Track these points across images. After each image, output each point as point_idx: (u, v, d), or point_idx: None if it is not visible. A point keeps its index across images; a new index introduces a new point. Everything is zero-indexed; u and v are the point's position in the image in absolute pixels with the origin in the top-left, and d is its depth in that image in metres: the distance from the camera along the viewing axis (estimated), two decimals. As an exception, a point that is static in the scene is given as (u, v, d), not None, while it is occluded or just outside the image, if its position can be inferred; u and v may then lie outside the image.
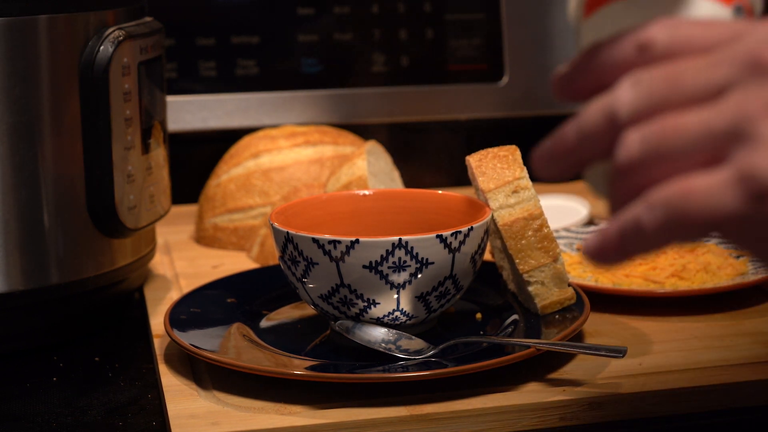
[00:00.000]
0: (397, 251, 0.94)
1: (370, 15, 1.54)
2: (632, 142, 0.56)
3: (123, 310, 1.18)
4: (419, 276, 0.95)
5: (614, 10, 0.63)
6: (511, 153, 1.04)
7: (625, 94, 0.57)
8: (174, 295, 1.17)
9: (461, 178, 1.32)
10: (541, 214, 1.00)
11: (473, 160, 1.04)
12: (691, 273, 1.11)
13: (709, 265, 1.13)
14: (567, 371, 0.95)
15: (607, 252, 0.58)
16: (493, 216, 1.00)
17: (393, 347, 0.96)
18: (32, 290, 1.04)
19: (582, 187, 1.57)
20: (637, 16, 0.61)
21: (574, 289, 1.03)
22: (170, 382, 0.96)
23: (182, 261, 1.29)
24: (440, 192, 1.09)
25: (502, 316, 1.04)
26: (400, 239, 0.94)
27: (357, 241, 0.94)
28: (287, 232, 0.97)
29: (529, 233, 1.00)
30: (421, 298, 0.97)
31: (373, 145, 1.31)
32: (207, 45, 1.50)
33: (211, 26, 1.50)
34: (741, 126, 0.53)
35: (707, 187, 0.54)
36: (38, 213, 1.03)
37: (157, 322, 1.08)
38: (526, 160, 1.05)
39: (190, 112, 1.50)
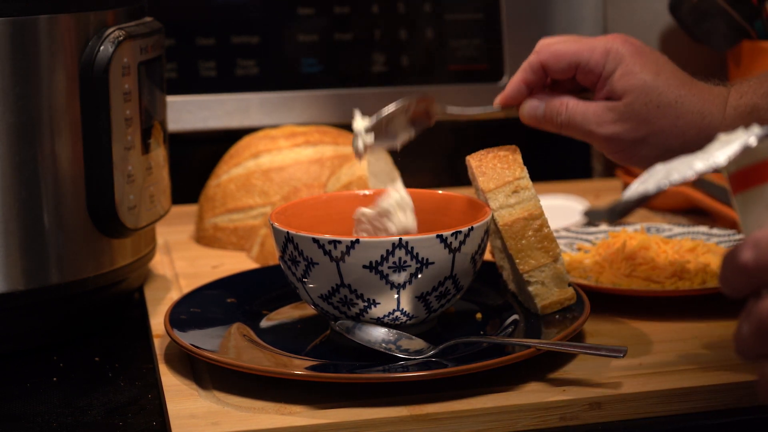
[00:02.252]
0: (397, 251, 0.94)
1: (370, 15, 1.54)
2: None
3: (123, 310, 1.17)
4: (419, 276, 0.95)
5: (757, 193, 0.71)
6: (511, 153, 1.04)
7: None
8: (174, 295, 1.17)
9: (461, 178, 1.32)
10: (542, 214, 1.00)
11: (473, 160, 1.04)
12: (691, 273, 1.11)
13: (709, 265, 1.13)
14: (567, 371, 0.95)
15: None
16: (493, 216, 1.00)
17: (393, 347, 0.96)
18: (32, 290, 1.04)
19: (582, 187, 1.57)
20: None
21: (575, 289, 1.03)
22: (170, 382, 0.96)
23: (182, 261, 1.29)
24: (440, 192, 1.09)
25: (502, 316, 1.04)
26: (400, 239, 0.94)
27: (357, 241, 0.94)
28: (287, 232, 0.97)
29: (530, 233, 1.00)
30: (421, 298, 0.97)
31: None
32: (207, 45, 1.50)
33: (211, 26, 1.50)
34: None
35: None
36: (38, 213, 1.03)
37: (157, 322, 1.08)
38: (526, 160, 1.05)
39: (190, 112, 1.50)
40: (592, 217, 0.75)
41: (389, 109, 1.03)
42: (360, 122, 1.04)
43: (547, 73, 1.04)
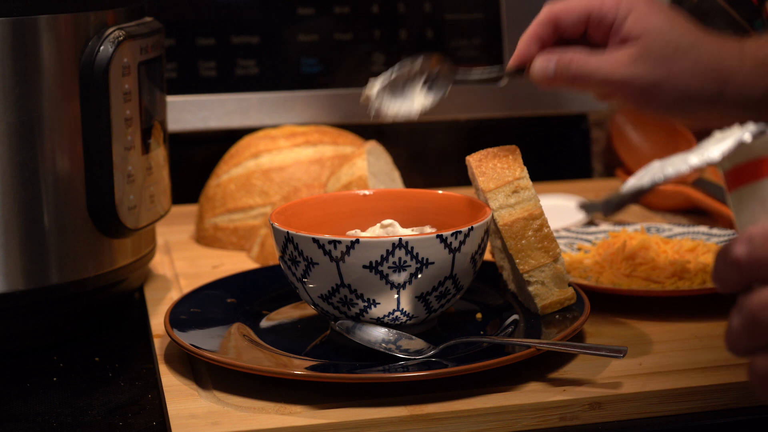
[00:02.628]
0: (397, 251, 0.94)
1: (370, 15, 1.54)
2: None
3: (123, 310, 1.17)
4: (419, 276, 0.95)
5: (752, 190, 0.72)
6: (511, 153, 1.04)
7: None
8: (174, 295, 1.17)
9: (461, 178, 1.31)
10: (542, 214, 1.00)
11: (473, 160, 1.04)
12: (691, 273, 1.11)
13: (709, 265, 1.13)
14: (567, 371, 0.95)
15: None
16: (493, 216, 1.00)
17: (393, 347, 0.96)
18: (32, 290, 1.04)
19: (582, 186, 1.57)
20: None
21: (575, 289, 1.03)
22: (170, 382, 0.96)
23: (182, 261, 1.29)
24: (440, 192, 1.09)
25: (502, 316, 1.04)
26: (400, 239, 0.94)
27: (357, 241, 0.94)
28: (287, 232, 0.97)
29: (530, 233, 1.00)
30: (421, 298, 0.97)
31: (373, 145, 1.31)
32: (207, 45, 1.50)
33: (211, 26, 1.50)
34: None
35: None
36: (38, 213, 1.03)
37: (157, 322, 1.08)
38: (526, 160, 1.05)
39: (190, 112, 1.50)
40: (588, 211, 0.75)
41: (401, 65, 1.03)
42: (372, 86, 1.04)
43: (557, 30, 1.02)
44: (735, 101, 1.00)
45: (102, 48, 1.04)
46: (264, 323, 1.05)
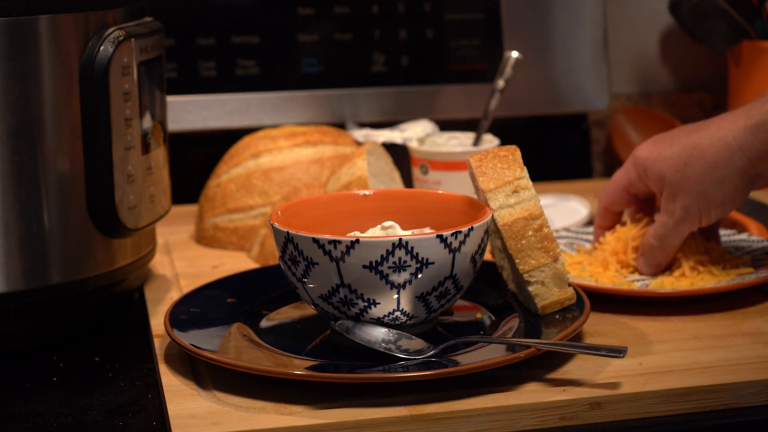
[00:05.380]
0: (397, 251, 0.94)
1: (370, 15, 1.54)
2: None
3: (123, 310, 1.18)
4: (419, 276, 0.95)
5: None
6: (511, 153, 1.04)
7: None
8: (174, 295, 1.17)
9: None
10: (541, 214, 1.01)
11: (473, 160, 1.04)
12: (692, 273, 1.11)
13: (710, 265, 1.13)
14: (567, 371, 0.95)
15: None
16: (493, 216, 1.00)
17: (393, 347, 0.96)
18: (32, 290, 1.04)
19: (582, 186, 1.57)
20: None
21: (574, 289, 1.03)
22: (170, 382, 0.96)
23: (182, 261, 1.29)
24: (440, 192, 1.09)
25: (502, 316, 1.04)
26: (400, 239, 0.94)
27: (357, 241, 0.94)
28: (287, 232, 0.97)
29: (530, 233, 1.00)
30: (421, 298, 0.97)
31: (373, 145, 1.31)
32: (207, 45, 1.50)
33: (211, 26, 1.50)
34: None
35: None
36: (38, 213, 1.03)
37: (157, 322, 1.08)
38: (526, 160, 1.05)
39: (190, 112, 1.50)
40: None
41: None
42: None
43: (616, 216, 1.20)
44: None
45: (102, 48, 1.04)
46: (264, 323, 1.05)
